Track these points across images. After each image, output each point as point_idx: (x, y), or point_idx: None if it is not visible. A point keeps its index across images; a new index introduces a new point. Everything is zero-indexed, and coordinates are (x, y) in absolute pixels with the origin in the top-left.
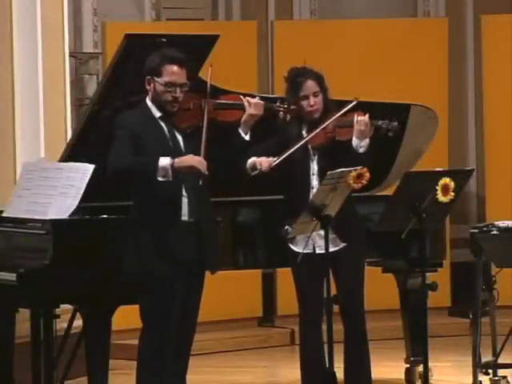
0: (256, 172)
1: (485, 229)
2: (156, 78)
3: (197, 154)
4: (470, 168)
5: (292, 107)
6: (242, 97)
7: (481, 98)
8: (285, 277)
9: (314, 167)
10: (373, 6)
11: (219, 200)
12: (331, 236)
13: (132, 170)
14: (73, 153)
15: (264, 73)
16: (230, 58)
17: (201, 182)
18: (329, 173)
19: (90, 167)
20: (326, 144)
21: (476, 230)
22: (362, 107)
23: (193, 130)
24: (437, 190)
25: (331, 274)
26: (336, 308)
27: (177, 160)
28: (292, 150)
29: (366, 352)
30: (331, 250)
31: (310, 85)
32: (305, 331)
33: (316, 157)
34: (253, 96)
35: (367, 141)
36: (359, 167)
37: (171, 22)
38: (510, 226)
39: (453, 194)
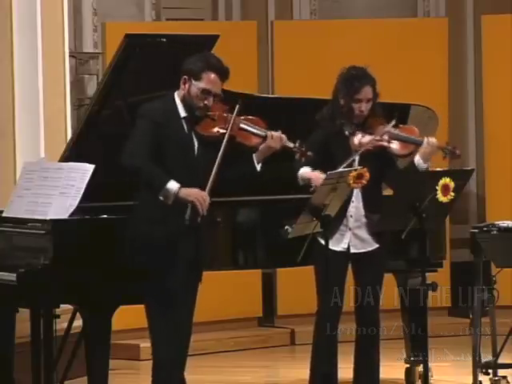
0: (310, 189)
1: (485, 229)
2: (194, 81)
3: (208, 165)
4: (470, 168)
5: (309, 153)
6: (264, 126)
7: (481, 98)
8: (285, 277)
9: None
10: (373, 6)
11: (219, 200)
12: (365, 236)
13: (140, 174)
14: (73, 153)
15: (264, 73)
16: (230, 58)
17: (199, 220)
18: (329, 173)
19: (90, 167)
20: (374, 150)
21: (476, 230)
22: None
23: (210, 139)
24: (437, 190)
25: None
26: (343, 307)
27: (183, 190)
28: (341, 169)
29: (376, 354)
30: (363, 250)
31: (367, 91)
32: (322, 330)
33: (357, 158)
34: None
35: (428, 164)
36: (359, 167)
37: (171, 22)
38: (510, 225)
39: (453, 193)
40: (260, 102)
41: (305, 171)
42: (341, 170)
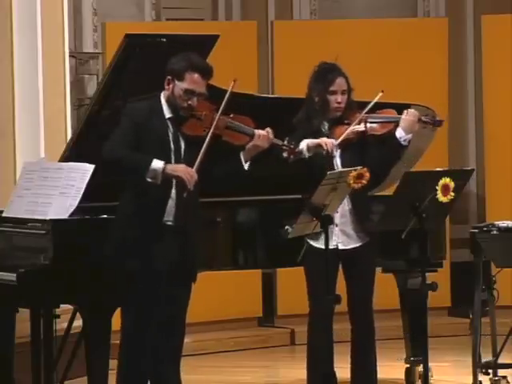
0: (323, 152)
1: (485, 229)
2: (177, 82)
3: (194, 162)
4: (470, 168)
5: (297, 150)
6: (253, 125)
7: (481, 98)
8: (285, 277)
9: (337, 162)
10: (373, 6)
11: (219, 200)
12: (351, 232)
13: (123, 163)
14: (73, 153)
15: (264, 73)
16: (230, 58)
17: (185, 195)
18: (329, 173)
19: (90, 167)
20: (356, 139)
21: (476, 230)
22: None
23: (197, 139)
24: (437, 190)
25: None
26: (341, 307)
27: (169, 166)
28: (348, 131)
29: (373, 353)
30: (350, 246)
31: (341, 82)
32: (315, 330)
33: (339, 152)
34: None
35: (411, 136)
36: (359, 167)
37: (171, 22)
38: (509, 225)
39: (453, 193)
40: (260, 102)
41: (309, 140)
42: (341, 169)
